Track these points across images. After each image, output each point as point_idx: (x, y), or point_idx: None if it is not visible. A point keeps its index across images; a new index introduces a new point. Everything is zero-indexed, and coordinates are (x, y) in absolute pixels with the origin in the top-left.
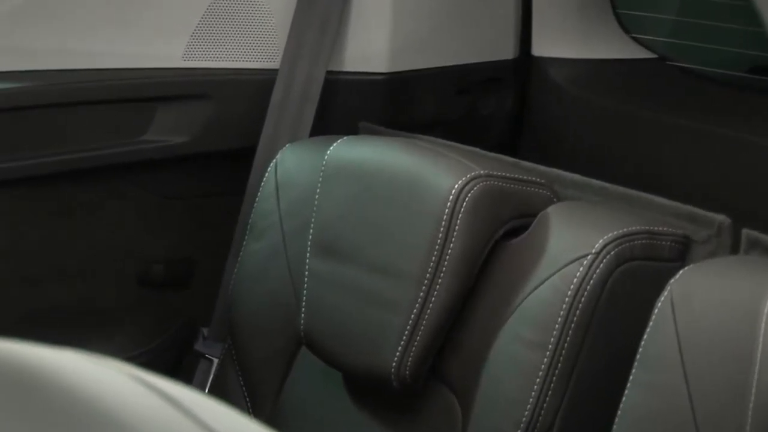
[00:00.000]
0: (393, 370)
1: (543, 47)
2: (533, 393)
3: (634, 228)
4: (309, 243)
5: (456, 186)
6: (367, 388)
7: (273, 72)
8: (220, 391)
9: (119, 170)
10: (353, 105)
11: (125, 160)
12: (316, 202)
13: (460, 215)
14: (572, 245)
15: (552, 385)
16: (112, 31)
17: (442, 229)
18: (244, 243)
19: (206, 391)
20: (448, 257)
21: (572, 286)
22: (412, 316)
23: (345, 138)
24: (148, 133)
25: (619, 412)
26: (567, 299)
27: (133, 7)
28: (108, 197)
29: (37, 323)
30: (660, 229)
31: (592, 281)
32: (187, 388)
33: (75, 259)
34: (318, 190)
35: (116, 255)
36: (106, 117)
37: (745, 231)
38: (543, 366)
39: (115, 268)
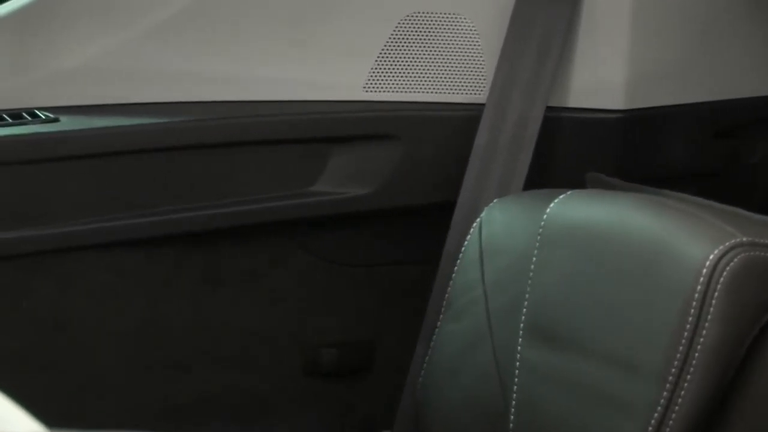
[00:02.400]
0: None
1: None
2: None
3: None
4: (521, 325)
5: (711, 257)
6: None
7: (478, 107)
8: None
9: (282, 229)
10: (579, 150)
11: (290, 217)
12: (530, 274)
13: (716, 294)
14: None
15: None
16: (277, 55)
17: (692, 311)
18: (439, 324)
19: None
20: (699, 348)
21: None
22: (653, 422)
23: (569, 192)
24: (318, 182)
25: None
26: None
27: (306, 26)
28: (268, 263)
29: (182, 417)
30: None
31: None
32: None
33: (226, 340)
34: (534, 259)
35: (277, 335)
36: (267, 161)
37: None
38: None
39: (275, 351)
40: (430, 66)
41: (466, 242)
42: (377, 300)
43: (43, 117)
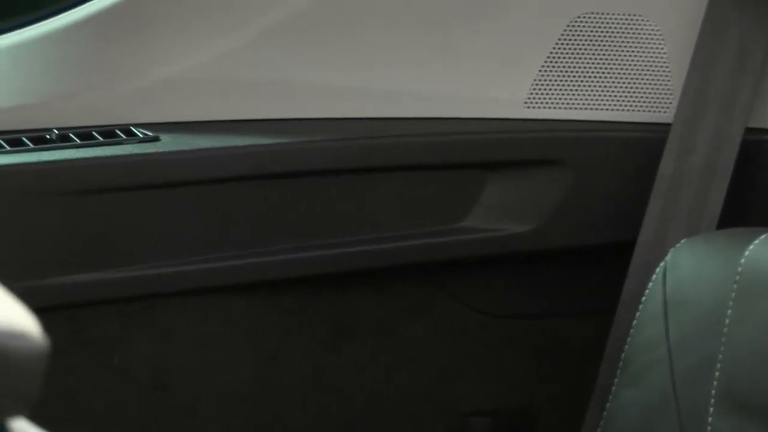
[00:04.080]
0: None
1: None
2: None
3: None
4: (713, 392)
5: None
6: None
7: (663, 128)
8: None
9: (424, 272)
10: None
11: (433, 258)
12: (725, 330)
13: None
14: None
15: None
16: (418, 64)
17: None
18: (614, 388)
19: None
20: None
21: None
22: None
23: None
24: (469, 217)
25: None
26: None
27: (454, 29)
28: (406, 312)
29: None
30: None
31: None
32: None
33: (353, 403)
34: (729, 312)
35: (415, 399)
36: (407, 191)
37: None
38: None
39: (413, 418)
40: (606, 78)
41: (647, 291)
42: (537, 359)
43: (141, 135)
